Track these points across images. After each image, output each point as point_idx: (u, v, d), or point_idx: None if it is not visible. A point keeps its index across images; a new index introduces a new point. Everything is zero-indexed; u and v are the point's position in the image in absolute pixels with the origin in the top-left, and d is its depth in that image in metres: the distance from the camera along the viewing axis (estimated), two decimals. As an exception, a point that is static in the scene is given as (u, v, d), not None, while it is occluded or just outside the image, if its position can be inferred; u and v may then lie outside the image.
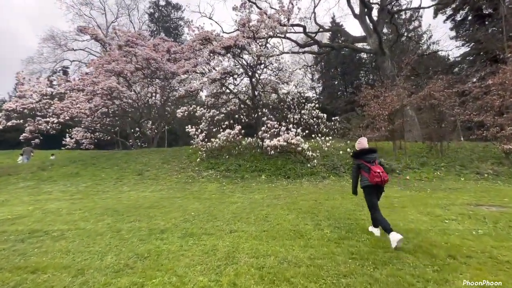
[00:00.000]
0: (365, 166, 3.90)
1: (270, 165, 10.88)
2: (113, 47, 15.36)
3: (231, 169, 10.80)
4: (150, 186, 9.14)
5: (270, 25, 11.89)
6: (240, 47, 12.17)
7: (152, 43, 17.25)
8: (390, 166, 9.99)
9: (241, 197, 7.14)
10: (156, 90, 15.59)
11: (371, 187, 3.88)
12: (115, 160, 12.74)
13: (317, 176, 9.72)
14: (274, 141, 10.07)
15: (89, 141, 18.95)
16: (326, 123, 11.93)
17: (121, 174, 10.81)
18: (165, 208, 6.04)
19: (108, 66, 14.71)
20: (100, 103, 14.22)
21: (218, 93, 12.87)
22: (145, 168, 11.43)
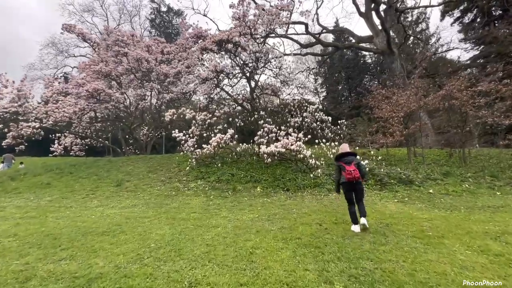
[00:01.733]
0: (343, 166, 4.63)
1: (267, 175, 9.33)
2: (102, 47, 14.17)
3: (223, 180, 9.27)
4: (124, 200, 7.65)
5: (269, 20, 10.53)
6: (235, 44, 10.80)
7: (145, 44, 16.08)
8: (407, 177, 8.36)
9: (227, 218, 5.59)
10: (148, 93, 14.27)
11: (346, 183, 4.61)
12: (96, 168, 11.33)
13: (321, 189, 8.12)
14: (271, 147, 8.55)
15: (79, 148, 17.69)
16: (331, 127, 10.37)
17: (97, 184, 9.36)
18: (122, 235, 4.52)
19: (95, 67, 13.48)
20: (84, 106, 12.92)
21: (211, 94, 11.46)
22: (126, 178, 9.97)
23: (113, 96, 13.46)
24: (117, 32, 14.01)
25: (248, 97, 13.76)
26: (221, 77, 11.27)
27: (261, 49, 10.56)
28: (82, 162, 12.42)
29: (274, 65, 11.37)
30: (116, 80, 14.21)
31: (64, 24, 12.75)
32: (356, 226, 4.51)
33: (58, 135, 16.39)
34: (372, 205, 6.47)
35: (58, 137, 16.70)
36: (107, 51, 14.03)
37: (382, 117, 10.64)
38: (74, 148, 17.59)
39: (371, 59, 33.70)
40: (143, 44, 15.95)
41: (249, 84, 13.24)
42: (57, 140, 16.84)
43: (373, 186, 8.18)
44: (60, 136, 16.47)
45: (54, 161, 13.87)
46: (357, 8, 16.70)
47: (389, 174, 8.62)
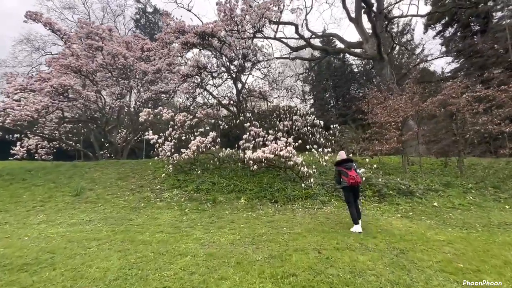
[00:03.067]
0: (344, 172, 4.98)
1: (253, 184, 8.17)
2: (73, 39, 12.66)
3: (202, 189, 8.02)
4: (78, 215, 6.22)
5: (257, 14, 9.56)
6: (220, 39, 9.73)
7: (124, 39, 14.70)
8: (407, 188, 7.47)
9: (200, 240, 4.36)
10: (123, 92, 12.84)
11: (349, 188, 4.95)
12: (56, 174, 9.73)
13: (314, 201, 7.05)
14: (257, 153, 7.42)
15: (46, 151, 15.76)
16: (324, 132, 9.41)
17: (51, 194, 7.83)
18: (48, 271, 3.20)
19: (63, 61, 11.95)
20: (48, 103, 11.31)
21: (192, 93, 10.24)
22: (89, 186, 8.49)
23: (83, 94, 11.93)
24: (92, 24, 12.57)
25: (234, 99, 12.68)
26: (204, 75, 10.10)
27: (249, 46, 9.53)
28: (41, 167, 10.74)
29: (263, 64, 10.36)
30: (89, 77, 12.70)
31: (28, 12, 11.19)
32: (357, 226, 4.78)
33: (19, 136, 14.43)
34: (375, 221, 5.45)
35: (19, 139, 14.76)
36: (80, 45, 12.55)
37: (376, 122, 9.83)
38: (40, 152, 15.66)
39: (357, 68, 33.77)
40: (121, 39, 14.59)
41: (236, 85, 12.16)
42: (19, 142, 14.89)
43: (371, 198, 7.21)
44: (22, 137, 14.55)
45: (11, 165, 12.03)
46: (348, 13, 16.25)
47: (387, 185, 7.71)
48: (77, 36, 12.44)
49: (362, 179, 7.09)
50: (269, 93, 13.38)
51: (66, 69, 11.93)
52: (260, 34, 11.44)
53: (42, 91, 11.23)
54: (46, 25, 11.93)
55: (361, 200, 7.04)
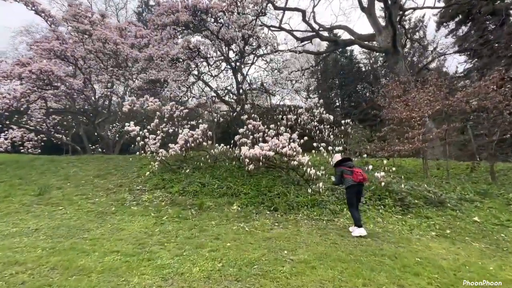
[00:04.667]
0: (347, 170, 4.61)
1: (249, 186, 6.80)
2: (58, 21, 11.41)
3: (189, 191, 6.67)
4: (27, 221, 4.90)
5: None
6: (217, 19, 8.37)
7: (117, 26, 13.41)
8: (437, 196, 6.03)
9: (163, 270, 3.00)
10: (111, 80, 11.55)
11: (354, 186, 4.49)
12: (28, 169, 8.47)
13: (322, 209, 5.66)
14: (255, 150, 6.04)
15: (33, 144, 14.55)
16: (334, 127, 7.99)
17: (11, 192, 6.54)
18: None
19: (46, 45, 10.69)
20: (27, 90, 10.07)
21: (184, 81, 8.89)
22: (59, 184, 7.21)
23: (67, 82, 10.65)
24: (79, 6, 11.30)
25: (233, 92, 11.33)
26: (197, 61, 8.74)
27: (251, 27, 8.16)
28: (14, 160, 9.50)
29: (266, 51, 8.97)
30: (75, 63, 11.43)
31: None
32: (362, 230, 4.37)
33: (9, 127, 13.23)
34: (406, 243, 4.04)
35: (5, 130, 13.57)
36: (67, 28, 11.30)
37: (394, 118, 8.38)
38: (26, 145, 14.46)
39: (365, 67, 32.16)
40: (114, 26, 13.31)
41: (235, 76, 10.80)
42: (4, 134, 13.71)
43: (393, 208, 5.79)
44: (4, 128, 13.35)
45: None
46: (360, 2, 14.79)
47: (410, 192, 6.28)
48: (63, 19, 11.17)
49: (382, 184, 5.77)
50: (272, 88, 12.02)
51: (48, 54, 10.66)
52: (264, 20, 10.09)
53: (20, 76, 9.98)
54: (28, 4, 10.68)
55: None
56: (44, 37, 11.33)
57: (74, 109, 13.90)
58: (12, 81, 11.17)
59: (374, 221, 5.25)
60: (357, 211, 4.58)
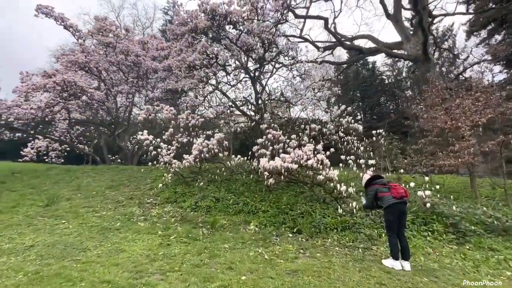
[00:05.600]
0: (383, 188, 3.82)
1: (269, 203, 6.00)
2: (85, 35, 11.72)
3: (201, 207, 6.00)
4: (25, 235, 4.44)
5: None
6: (236, 25, 7.99)
7: (140, 40, 13.66)
8: (500, 221, 4.87)
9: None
10: (131, 91, 11.51)
11: (396, 205, 3.64)
12: (43, 178, 8.30)
13: (356, 234, 4.71)
14: (275, 162, 5.29)
15: (57, 154, 14.84)
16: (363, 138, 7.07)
17: (20, 202, 6.24)
18: None
19: (71, 57, 10.94)
20: (50, 100, 10.20)
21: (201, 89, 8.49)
22: (69, 195, 6.86)
23: (88, 92, 10.72)
24: (104, 20, 11.60)
25: (252, 102, 10.80)
26: (215, 68, 8.34)
27: (271, 32, 7.67)
28: (32, 169, 9.45)
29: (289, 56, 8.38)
30: (97, 74, 11.59)
31: (39, 5, 10.43)
32: (397, 263, 3.55)
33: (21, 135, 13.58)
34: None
35: (31, 140, 13.96)
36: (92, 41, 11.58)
37: (433, 129, 7.31)
38: (51, 154, 14.77)
39: (388, 79, 30.78)
40: (137, 39, 13.57)
41: (254, 86, 10.30)
42: (31, 143, 14.11)
43: (444, 236, 4.70)
44: (33, 138, 13.73)
45: (10, 166, 10.98)
46: (385, 9, 14.01)
47: (463, 216, 5.15)
48: (89, 32, 11.48)
49: (427, 205, 4.77)
50: (293, 98, 11.36)
51: (73, 66, 10.88)
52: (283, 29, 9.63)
53: (46, 87, 10.17)
54: (58, 20, 11.09)
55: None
56: (70, 50, 11.66)
57: (97, 120, 14.08)
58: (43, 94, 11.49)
59: (423, 251, 4.22)
60: (396, 239, 3.66)
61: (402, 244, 3.66)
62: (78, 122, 13.31)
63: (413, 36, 13.43)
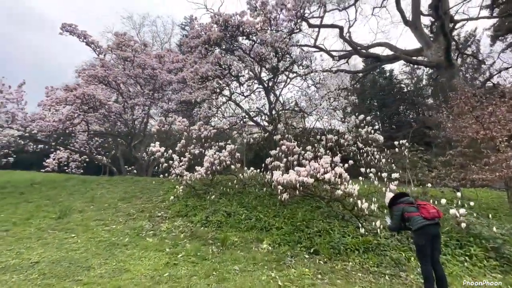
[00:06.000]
0: (410, 207, 3.35)
1: (283, 219, 5.63)
2: (104, 50, 12.20)
3: (212, 222, 5.73)
4: (33, 250, 4.35)
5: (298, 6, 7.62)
6: (249, 36, 7.92)
7: (157, 54, 14.05)
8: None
9: None
10: (147, 103, 11.70)
11: (428, 226, 3.14)
12: (59, 189, 8.42)
13: (381, 257, 4.22)
14: (290, 175, 4.95)
15: (76, 165, 15.30)
16: (385, 150, 6.59)
17: (34, 213, 6.27)
18: None
19: (91, 71, 11.36)
20: (70, 113, 10.54)
21: (213, 99, 8.41)
22: (82, 207, 6.83)
23: (106, 105, 11.01)
24: (123, 35, 12.04)
25: (266, 113, 10.60)
26: (228, 80, 8.25)
27: (285, 42, 7.51)
28: (50, 180, 9.66)
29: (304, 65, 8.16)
30: (115, 87, 11.92)
31: (64, 24, 11.02)
32: None
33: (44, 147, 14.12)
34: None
35: (53, 151, 14.50)
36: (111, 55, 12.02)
37: (463, 139, 6.68)
38: (71, 165, 15.25)
39: (407, 87, 29.69)
40: (154, 54, 13.98)
41: (268, 97, 10.14)
42: (53, 154, 14.65)
43: (484, 262, 4.10)
44: (55, 150, 14.25)
45: (23, 176, 11.36)
46: (402, 15, 13.57)
47: (505, 238, 4.51)
48: (108, 48, 11.94)
49: (461, 225, 4.24)
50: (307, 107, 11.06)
51: (93, 79, 11.26)
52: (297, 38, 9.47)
53: (67, 101, 10.55)
54: (81, 37, 11.64)
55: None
56: (91, 65, 12.12)
57: (114, 132, 14.42)
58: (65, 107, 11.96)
59: (461, 281, 3.66)
60: (430, 267, 3.12)
61: (437, 273, 3.15)
62: (96, 133, 13.68)
63: (434, 42, 12.82)
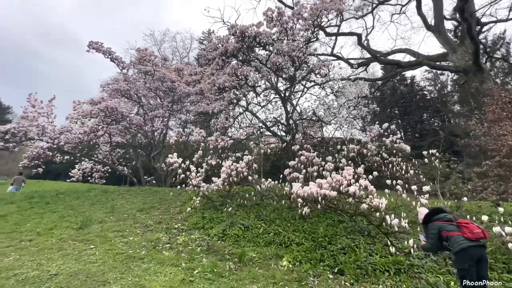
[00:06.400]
0: (449, 225, 2.96)
1: (303, 234, 5.32)
2: (126, 65, 12.77)
3: (229, 235, 5.53)
4: (52, 262, 4.36)
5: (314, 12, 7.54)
6: (265, 46, 7.90)
7: (176, 67, 14.50)
8: None
9: None
10: (165, 115, 11.97)
11: (471, 248, 2.74)
12: (82, 200, 8.63)
13: (415, 281, 3.78)
14: (310, 188, 4.69)
15: (100, 175, 15.85)
16: (413, 160, 6.14)
17: (57, 224, 6.40)
18: None
19: (115, 85, 11.87)
20: (94, 125, 10.98)
21: (229, 110, 8.38)
22: (102, 217, 6.91)
23: (128, 117, 11.38)
24: (144, 51, 12.57)
25: (283, 122, 10.43)
26: (245, 90, 8.23)
27: (302, 51, 7.40)
28: (74, 190, 9.96)
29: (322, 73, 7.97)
30: (137, 100, 12.35)
31: (91, 42, 11.72)
32: None
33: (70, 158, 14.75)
34: None
35: (78, 162, 15.15)
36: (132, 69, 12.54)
37: (502, 148, 6.08)
38: (95, 175, 15.83)
39: (430, 94, 28.40)
40: (173, 67, 14.44)
41: (285, 106, 10.00)
42: (78, 165, 15.30)
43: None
44: (80, 161, 14.88)
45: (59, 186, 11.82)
46: (424, 20, 13.05)
47: None
48: (131, 63, 12.49)
49: (509, 245, 3.77)
50: (326, 117, 10.76)
51: (116, 93, 11.75)
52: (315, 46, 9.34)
53: (92, 114, 11.04)
54: (106, 53, 12.28)
55: None
56: (114, 79, 12.68)
57: (135, 143, 14.86)
58: (90, 120, 12.53)
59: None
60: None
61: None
62: (118, 145, 14.13)
63: (460, 46, 12.17)
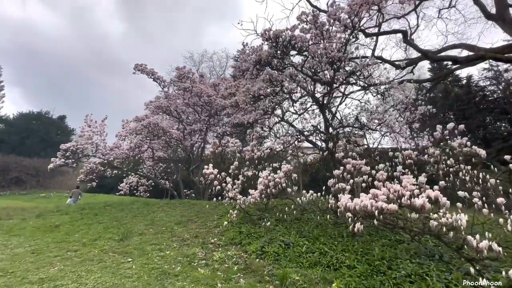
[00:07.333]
0: None
1: (355, 255, 4.51)
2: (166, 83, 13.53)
3: (268, 253, 4.98)
4: (93, 274, 4.31)
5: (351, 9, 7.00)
6: (301, 51, 7.51)
7: (212, 83, 14.95)
8: None
9: None
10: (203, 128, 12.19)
11: None
12: (126, 212, 8.93)
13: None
14: (363, 200, 3.95)
15: (144, 188, 16.72)
16: (492, 168, 4.97)
17: (101, 235, 6.57)
18: None
19: (156, 103, 12.56)
20: (139, 141, 11.61)
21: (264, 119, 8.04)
22: (142, 229, 6.94)
23: (168, 133, 11.83)
24: (183, 69, 13.21)
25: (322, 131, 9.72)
26: (281, 97, 7.85)
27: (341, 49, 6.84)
28: (119, 202, 10.44)
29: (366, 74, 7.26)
30: (176, 116, 12.86)
31: (136, 64, 12.73)
32: None
33: (116, 172, 15.78)
34: None
35: (125, 176, 16.21)
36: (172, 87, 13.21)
37: None
38: (140, 188, 16.74)
39: (493, 95, 24.64)
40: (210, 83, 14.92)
41: (323, 114, 9.34)
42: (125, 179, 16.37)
43: None
44: (127, 175, 15.90)
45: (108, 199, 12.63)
46: (483, 9, 11.38)
47: None
48: (171, 81, 13.19)
49: None
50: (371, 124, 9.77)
51: (158, 110, 12.39)
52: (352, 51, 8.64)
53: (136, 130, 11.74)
54: (149, 74, 13.19)
55: None
56: (156, 97, 13.47)
57: (175, 157, 15.40)
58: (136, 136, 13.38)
59: None
60: None
61: None
62: (161, 159, 14.75)
63: (534, 32, 10.24)
